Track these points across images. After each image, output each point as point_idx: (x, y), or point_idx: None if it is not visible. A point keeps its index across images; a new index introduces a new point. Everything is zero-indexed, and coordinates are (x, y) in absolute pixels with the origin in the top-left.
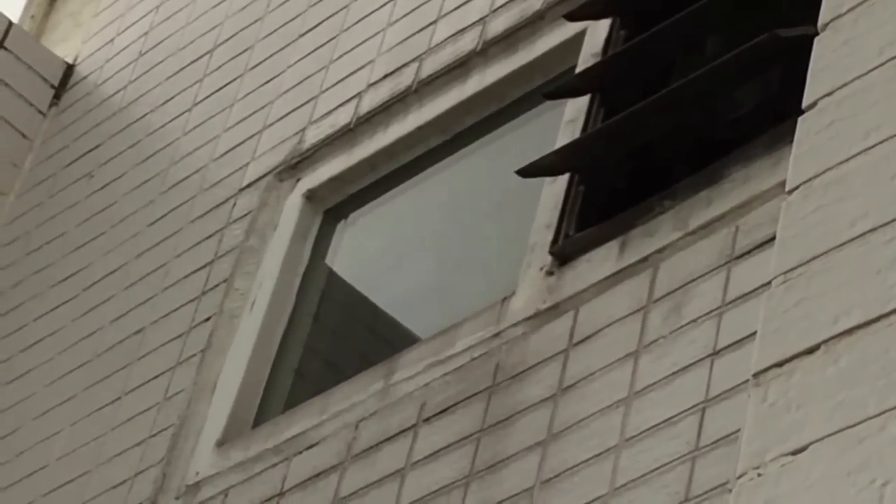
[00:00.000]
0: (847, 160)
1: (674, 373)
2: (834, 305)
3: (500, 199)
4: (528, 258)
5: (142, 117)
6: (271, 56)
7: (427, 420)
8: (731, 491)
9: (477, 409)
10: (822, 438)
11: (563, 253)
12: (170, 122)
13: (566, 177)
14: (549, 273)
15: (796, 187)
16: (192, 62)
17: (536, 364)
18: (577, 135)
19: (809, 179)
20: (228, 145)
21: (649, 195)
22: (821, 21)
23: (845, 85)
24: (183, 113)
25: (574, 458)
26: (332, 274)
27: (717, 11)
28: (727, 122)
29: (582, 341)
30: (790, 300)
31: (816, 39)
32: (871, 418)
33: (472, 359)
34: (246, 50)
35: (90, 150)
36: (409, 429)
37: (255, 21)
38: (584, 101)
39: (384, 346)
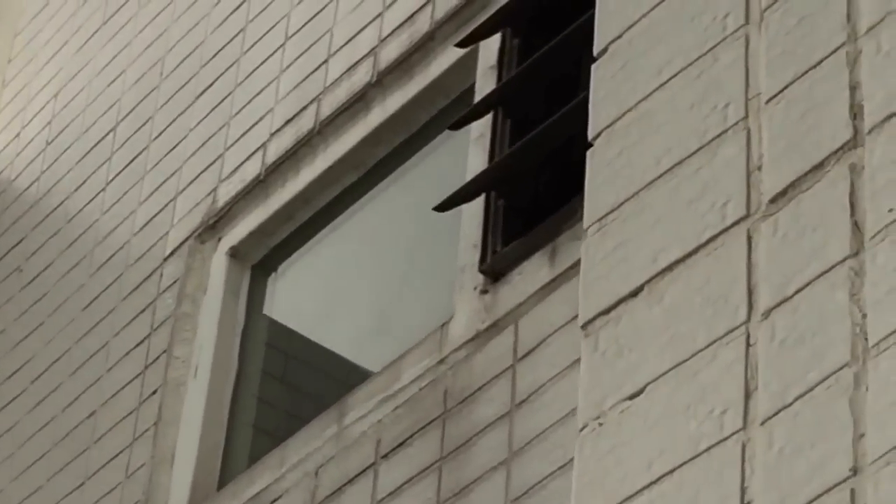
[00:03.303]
0: (643, 99)
1: None
2: (651, 244)
3: (424, 226)
4: (461, 280)
5: (59, 205)
6: (173, 122)
7: (385, 456)
8: None
9: (433, 438)
10: (657, 378)
11: (494, 269)
12: (87, 204)
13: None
14: (484, 291)
15: (598, 134)
16: (98, 142)
17: (485, 384)
18: (486, 149)
19: (610, 124)
20: (146, 217)
21: (571, 197)
22: None
23: (632, 25)
24: (98, 193)
25: (539, 473)
26: (272, 324)
27: None
28: None
29: (527, 354)
30: (608, 246)
31: None
32: (701, 350)
33: (420, 389)
34: (147, 121)
35: (14, 246)
36: (368, 468)
37: (152, 90)
38: (489, 115)
39: (337, 385)
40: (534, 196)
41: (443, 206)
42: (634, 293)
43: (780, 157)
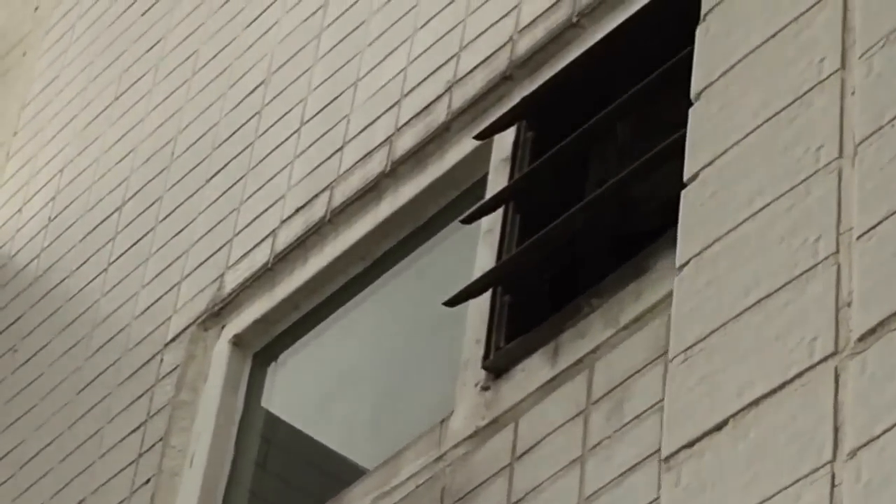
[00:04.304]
0: (734, 228)
1: (622, 473)
2: (737, 378)
3: (428, 320)
4: (462, 376)
5: (59, 283)
6: (181, 204)
7: None
8: None
9: None
10: None
11: (497, 366)
12: (87, 284)
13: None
14: (485, 388)
15: (686, 262)
16: (103, 221)
17: (482, 483)
18: (496, 244)
19: (698, 253)
20: (149, 301)
21: (576, 295)
22: (693, 91)
23: (724, 153)
24: (99, 274)
25: None
26: (270, 417)
27: (625, 110)
28: (648, 210)
29: (525, 453)
30: (693, 378)
31: (691, 110)
32: (785, 489)
33: (417, 486)
34: (155, 202)
35: (11, 324)
36: None
37: (162, 171)
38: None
39: (332, 482)
40: (538, 293)
41: (452, 301)
42: (719, 427)
43: (870, 294)
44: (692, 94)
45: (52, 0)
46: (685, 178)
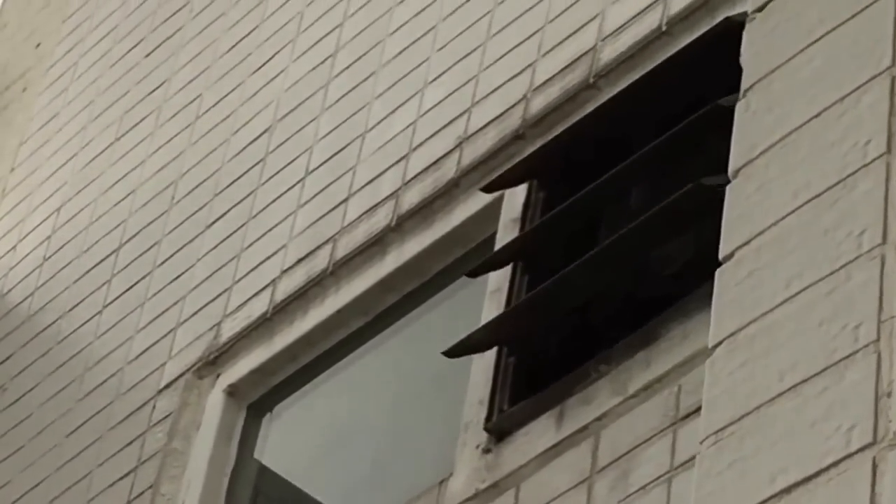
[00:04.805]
0: (770, 311)
1: None
2: (770, 464)
3: (430, 378)
4: (464, 437)
5: (51, 324)
6: (180, 249)
7: None
8: None
9: None
10: None
11: (499, 428)
12: (81, 326)
13: (495, 349)
14: (487, 451)
15: (719, 342)
16: (99, 262)
17: None
18: (502, 304)
19: (733, 333)
20: (143, 346)
21: (584, 360)
22: (731, 168)
23: (761, 233)
24: (94, 316)
25: None
26: (262, 469)
27: (638, 169)
28: (661, 277)
29: None
30: (723, 462)
31: (728, 188)
32: None
33: None
34: (153, 245)
35: (1, 363)
36: None
37: (161, 215)
38: (507, 268)
39: None
40: (545, 356)
41: (453, 352)
42: None
43: None
44: (730, 172)
45: (54, 37)
46: (720, 256)
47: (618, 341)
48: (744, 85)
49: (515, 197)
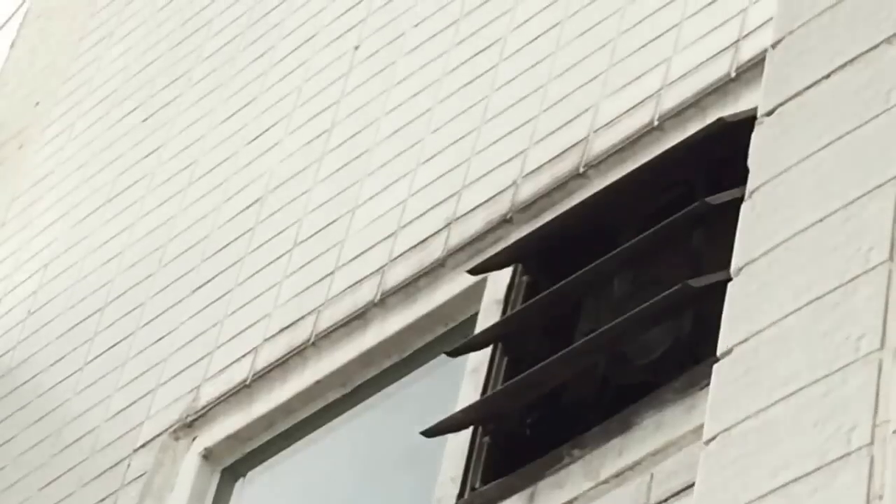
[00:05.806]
0: (765, 408)
1: None
2: None
3: (404, 453)
4: None
5: (32, 378)
6: (165, 312)
7: None
8: None
9: None
10: None
11: None
12: (61, 381)
13: (470, 428)
14: None
15: (714, 437)
16: (83, 320)
17: None
18: (480, 384)
19: (727, 428)
20: (122, 404)
21: (558, 444)
22: (734, 266)
23: (760, 331)
24: (74, 372)
25: None
26: None
27: (623, 261)
28: (637, 366)
29: None
30: None
31: (730, 284)
32: None
33: None
34: (138, 307)
35: None
36: None
37: (147, 277)
38: (487, 349)
39: None
40: (520, 437)
41: (430, 433)
42: None
43: None
44: (732, 269)
45: (53, 97)
46: (718, 352)
47: (592, 426)
48: (750, 186)
49: (499, 279)
